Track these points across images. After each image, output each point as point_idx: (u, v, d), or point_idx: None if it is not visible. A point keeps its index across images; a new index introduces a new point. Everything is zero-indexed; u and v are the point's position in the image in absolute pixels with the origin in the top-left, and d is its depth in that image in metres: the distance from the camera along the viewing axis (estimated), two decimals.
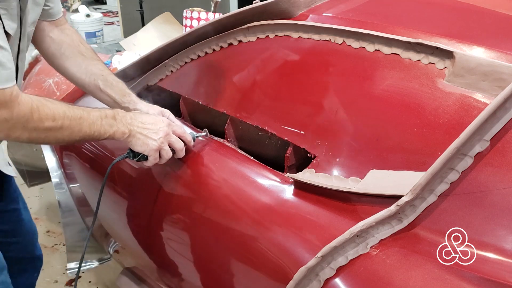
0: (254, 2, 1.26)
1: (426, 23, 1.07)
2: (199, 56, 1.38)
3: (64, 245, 2.07)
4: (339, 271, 0.84)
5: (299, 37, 1.17)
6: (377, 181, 0.90)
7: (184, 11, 2.86)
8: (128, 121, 1.10)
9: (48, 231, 2.47)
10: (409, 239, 0.82)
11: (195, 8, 2.86)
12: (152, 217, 1.30)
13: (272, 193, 1.05)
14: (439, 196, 0.82)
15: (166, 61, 1.46)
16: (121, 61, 2.27)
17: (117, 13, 5.40)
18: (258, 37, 1.25)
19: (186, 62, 1.42)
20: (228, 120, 1.25)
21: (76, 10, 5.75)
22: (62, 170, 1.74)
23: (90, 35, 4.77)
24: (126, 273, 1.62)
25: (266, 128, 1.15)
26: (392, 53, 1.01)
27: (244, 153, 1.17)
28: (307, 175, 1.00)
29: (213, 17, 2.58)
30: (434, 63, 0.95)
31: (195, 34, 1.36)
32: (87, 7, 5.12)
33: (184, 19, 2.86)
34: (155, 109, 1.26)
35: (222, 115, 1.27)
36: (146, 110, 1.23)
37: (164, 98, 1.49)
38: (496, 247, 0.76)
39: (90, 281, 2.13)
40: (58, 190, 1.74)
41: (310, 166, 1.02)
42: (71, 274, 1.82)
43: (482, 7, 1.10)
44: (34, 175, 2.39)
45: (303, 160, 1.09)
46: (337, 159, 0.99)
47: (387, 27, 1.05)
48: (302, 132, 1.08)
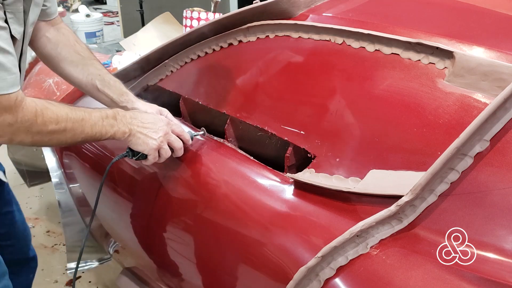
0: (254, 2, 1.26)
1: (426, 23, 1.07)
2: (199, 56, 1.38)
3: (64, 245, 2.08)
4: (339, 271, 0.84)
5: (299, 37, 1.17)
6: (377, 181, 0.90)
7: (184, 11, 2.86)
8: (128, 121, 1.10)
9: (48, 231, 2.47)
10: (409, 239, 0.82)
11: (195, 8, 2.86)
12: (152, 217, 1.30)
13: (272, 193, 1.05)
14: (439, 196, 0.82)
15: (166, 61, 1.46)
16: (121, 61, 2.27)
17: (117, 13, 5.40)
18: (258, 37, 1.25)
19: (186, 62, 1.42)
20: (228, 120, 1.25)
21: (76, 10, 5.75)
22: (62, 170, 1.74)
23: (90, 35, 4.77)
24: (126, 273, 1.62)
25: (266, 128, 1.15)
26: (392, 53, 1.01)
27: (244, 153, 1.17)
28: (307, 175, 1.00)
29: (213, 17, 2.58)
30: (434, 63, 0.95)
31: (195, 34, 1.36)
32: (87, 7, 5.11)
33: (184, 19, 2.86)
34: (153, 108, 1.25)
35: (222, 115, 1.27)
36: (144, 109, 1.23)
37: (164, 98, 1.49)
38: (496, 247, 0.76)
39: (90, 281, 2.13)
40: (58, 190, 1.74)
41: (310, 166, 1.02)
42: (71, 274, 1.82)
43: (482, 7, 1.10)
44: (34, 175, 2.39)
45: (303, 160, 1.09)
46: (337, 159, 0.99)
47: (387, 27, 1.05)
48: (302, 132, 1.08)
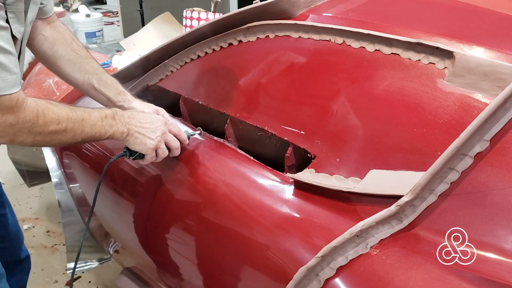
0: (254, 2, 1.26)
1: (426, 23, 1.07)
2: (199, 56, 1.38)
3: (64, 245, 2.08)
4: (339, 271, 0.84)
5: (299, 37, 1.17)
6: (377, 181, 0.90)
7: (184, 11, 2.86)
8: (126, 120, 1.10)
9: (48, 231, 2.47)
10: (409, 239, 0.82)
11: (195, 8, 2.86)
12: (151, 217, 1.30)
13: (272, 193, 1.05)
14: (439, 196, 0.82)
15: (166, 61, 1.46)
16: (121, 61, 2.27)
17: (117, 13, 5.40)
18: (258, 37, 1.25)
19: (186, 62, 1.42)
20: (228, 120, 1.25)
21: (76, 10, 5.75)
22: (62, 170, 1.74)
23: (90, 35, 4.78)
24: (126, 273, 1.62)
25: (266, 128, 1.15)
26: (392, 53, 1.01)
27: (244, 153, 1.17)
28: (307, 175, 1.00)
29: (213, 17, 2.59)
30: (434, 63, 0.95)
31: (195, 34, 1.36)
32: (87, 7, 5.12)
33: (184, 19, 2.86)
34: (150, 108, 1.25)
35: (222, 115, 1.27)
36: (141, 109, 1.23)
37: (164, 98, 1.49)
38: (496, 247, 0.76)
39: (90, 281, 2.13)
40: (58, 190, 1.73)
41: (310, 166, 1.02)
42: (71, 274, 1.82)
43: (482, 7, 1.10)
44: (34, 175, 2.39)
45: (303, 160, 1.09)
46: (337, 159, 0.99)
47: (387, 27, 1.05)
48: (302, 132, 1.08)
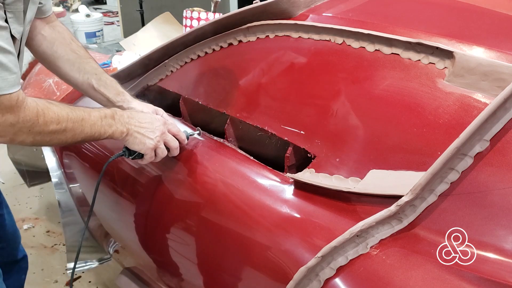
0: (254, 2, 1.26)
1: (426, 23, 1.07)
2: (199, 56, 1.38)
3: (64, 245, 2.08)
4: (339, 271, 0.84)
5: (299, 37, 1.17)
6: (377, 181, 0.90)
7: (184, 11, 2.86)
8: (126, 120, 1.10)
9: (48, 231, 2.47)
10: (409, 239, 0.82)
11: (195, 8, 2.86)
12: (151, 217, 1.30)
13: (272, 193, 1.05)
14: (439, 196, 0.82)
15: (166, 61, 1.46)
16: (121, 61, 2.27)
17: (117, 13, 5.40)
18: (258, 37, 1.25)
19: (186, 62, 1.42)
20: (228, 120, 1.25)
21: (76, 10, 5.76)
22: (62, 170, 1.74)
23: (90, 35, 4.78)
24: (126, 273, 1.62)
25: (266, 128, 1.15)
26: (392, 53, 1.01)
27: (244, 153, 1.17)
28: (307, 175, 1.00)
29: (213, 17, 2.59)
30: (434, 63, 0.95)
31: (195, 34, 1.36)
32: (87, 7, 5.12)
33: (184, 19, 2.86)
34: (149, 108, 1.25)
35: (222, 115, 1.27)
36: (141, 109, 1.23)
37: (164, 98, 1.49)
38: (496, 247, 0.76)
39: (90, 281, 2.13)
40: (58, 190, 1.73)
41: (310, 166, 1.02)
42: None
43: (482, 7, 1.10)
44: (34, 175, 2.39)
45: (303, 160, 1.09)
46: (337, 159, 0.99)
47: (387, 27, 1.05)
48: (302, 132, 1.08)
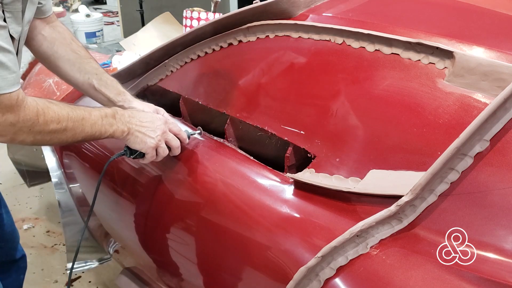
0: (254, 2, 1.26)
1: (426, 23, 1.07)
2: (199, 56, 1.38)
3: (64, 245, 2.08)
4: (339, 271, 0.84)
5: (299, 37, 1.17)
6: (377, 181, 0.90)
7: (184, 11, 2.86)
8: (127, 119, 1.10)
9: (48, 231, 2.47)
10: (409, 239, 0.82)
11: (195, 8, 2.86)
12: (151, 216, 1.30)
13: (272, 193, 1.05)
14: (439, 196, 0.82)
15: (166, 61, 1.46)
16: (121, 61, 2.27)
17: (117, 13, 5.41)
18: (258, 37, 1.25)
19: (186, 62, 1.42)
20: (228, 120, 1.25)
21: (76, 10, 5.76)
22: (62, 170, 1.74)
23: (90, 35, 4.78)
24: (126, 273, 1.62)
25: (266, 128, 1.15)
26: (392, 53, 1.01)
27: (244, 153, 1.17)
28: (307, 175, 1.00)
29: (213, 17, 2.59)
30: (434, 63, 0.95)
31: (195, 34, 1.36)
32: (87, 7, 5.12)
33: (184, 19, 2.86)
34: (150, 107, 1.25)
35: (222, 115, 1.27)
36: (142, 108, 1.23)
37: (164, 98, 1.49)
38: (496, 247, 0.76)
39: (90, 281, 2.13)
40: (58, 190, 1.73)
41: (310, 166, 1.02)
42: None
43: (482, 7, 1.10)
44: (34, 175, 2.39)
45: (303, 160, 1.09)
46: (337, 159, 0.99)
47: (387, 27, 1.05)
48: (302, 132, 1.08)
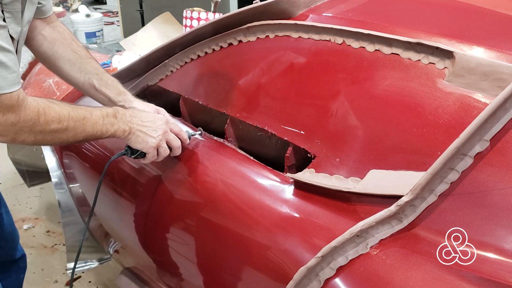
0: (254, 2, 1.26)
1: (426, 23, 1.07)
2: (199, 56, 1.38)
3: (64, 245, 2.07)
4: (339, 271, 0.84)
5: (299, 37, 1.17)
6: (377, 181, 0.90)
7: (184, 11, 2.86)
8: (128, 119, 1.10)
9: (48, 231, 2.47)
10: (409, 239, 0.82)
11: (195, 8, 2.86)
12: (151, 217, 1.30)
13: (272, 193, 1.05)
14: (439, 196, 0.82)
15: (166, 61, 1.46)
16: (121, 61, 2.27)
17: (117, 13, 5.41)
18: (258, 37, 1.25)
19: (186, 62, 1.42)
20: (228, 120, 1.25)
21: (76, 10, 5.76)
22: (62, 170, 1.74)
23: (90, 35, 4.79)
24: (126, 273, 1.62)
25: (266, 128, 1.15)
26: (392, 53, 1.01)
27: (244, 153, 1.17)
28: (307, 175, 1.00)
29: (213, 17, 2.59)
30: (434, 63, 0.95)
31: (195, 34, 1.36)
32: (87, 7, 5.13)
33: (184, 19, 2.86)
34: (151, 108, 1.26)
35: (222, 115, 1.27)
36: (142, 108, 1.23)
37: (164, 98, 1.49)
38: (496, 247, 0.76)
39: (90, 281, 2.13)
40: (58, 190, 1.73)
41: (310, 166, 1.02)
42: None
43: (482, 7, 1.10)
44: (34, 175, 2.39)
45: (303, 160, 1.09)
46: (337, 159, 0.99)
47: (387, 27, 1.05)
48: (302, 132, 1.08)
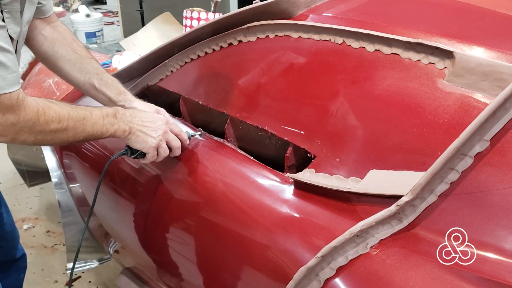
0: (254, 2, 1.26)
1: (426, 23, 1.07)
2: (199, 56, 1.38)
3: (64, 245, 2.08)
4: (339, 271, 0.84)
5: (299, 37, 1.17)
6: (377, 181, 0.90)
7: (184, 11, 2.86)
8: (128, 119, 1.10)
9: (48, 231, 2.47)
10: (409, 239, 0.82)
11: (195, 8, 2.87)
12: (151, 217, 1.30)
13: (272, 193, 1.05)
14: (439, 196, 0.82)
15: (166, 61, 1.46)
16: (121, 61, 2.27)
17: (117, 13, 5.41)
18: (258, 37, 1.25)
19: (186, 62, 1.42)
20: (228, 120, 1.25)
21: (76, 10, 5.76)
22: (62, 170, 1.74)
23: (90, 35, 4.79)
24: (126, 273, 1.62)
25: (266, 128, 1.15)
26: (392, 53, 1.01)
27: (244, 153, 1.17)
28: (307, 175, 1.00)
29: (213, 17, 2.59)
30: (434, 63, 0.95)
31: (195, 34, 1.36)
32: (87, 7, 5.13)
33: (184, 19, 2.87)
34: (151, 108, 1.26)
35: (222, 115, 1.27)
36: (143, 108, 1.23)
37: (164, 98, 1.49)
38: (496, 247, 0.76)
39: (90, 281, 2.13)
40: (58, 190, 1.73)
41: (310, 166, 1.02)
42: None
43: (482, 7, 1.10)
44: (34, 175, 2.39)
45: (303, 160, 1.09)
46: (337, 159, 0.99)
47: (387, 27, 1.05)
48: (302, 132, 1.08)
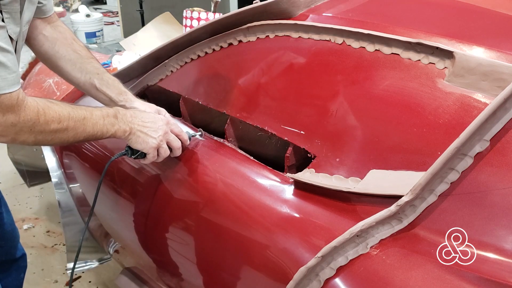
0: (254, 2, 1.26)
1: (426, 23, 1.07)
2: (199, 56, 1.38)
3: (64, 245, 2.08)
4: (339, 271, 0.84)
5: (299, 37, 1.17)
6: (377, 181, 0.90)
7: (184, 11, 2.86)
8: (129, 119, 1.10)
9: (48, 231, 2.47)
10: (409, 239, 0.82)
11: (195, 8, 2.86)
12: (151, 217, 1.30)
13: (272, 193, 1.05)
14: (439, 196, 0.82)
15: (166, 61, 1.46)
16: (121, 61, 2.27)
17: (117, 13, 5.41)
18: (258, 37, 1.25)
19: (186, 62, 1.42)
20: (228, 120, 1.25)
21: (76, 10, 5.76)
22: (62, 170, 1.74)
23: (90, 35, 4.79)
24: (126, 273, 1.62)
25: (266, 128, 1.15)
26: (392, 53, 1.01)
27: (244, 153, 1.17)
28: (307, 175, 1.00)
29: (213, 17, 2.59)
30: (434, 63, 0.95)
31: (195, 34, 1.36)
32: (87, 7, 5.13)
33: (184, 19, 2.86)
34: (152, 108, 1.26)
35: (222, 115, 1.27)
36: (143, 109, 1.23)
37: (164, 98, 1.49)
38: (496, 247, 0.76)
39: (90, 281, 2.13)
40: (58, 190, 1.74)
41: (310, 166, 1.02)
42: None
43: (482, 7, 1.10)
44: (34, 175, 2.39)
45: (303, 160, 1.09)
46: (337, 159, 0.99)
47: (387, 27, 1.05)
48: (302, 132, 1.08)
